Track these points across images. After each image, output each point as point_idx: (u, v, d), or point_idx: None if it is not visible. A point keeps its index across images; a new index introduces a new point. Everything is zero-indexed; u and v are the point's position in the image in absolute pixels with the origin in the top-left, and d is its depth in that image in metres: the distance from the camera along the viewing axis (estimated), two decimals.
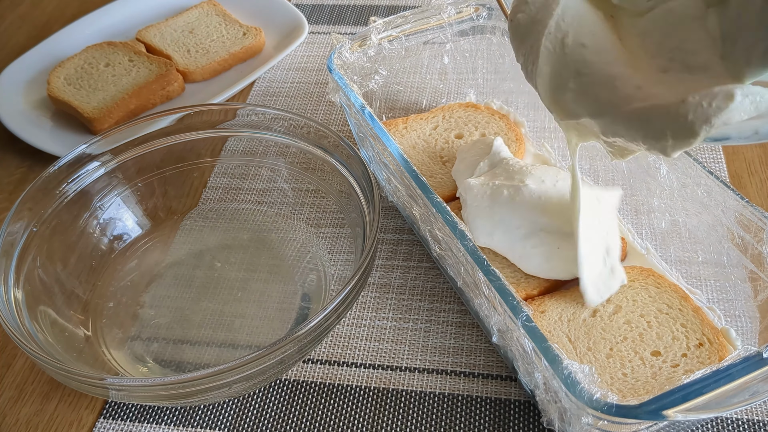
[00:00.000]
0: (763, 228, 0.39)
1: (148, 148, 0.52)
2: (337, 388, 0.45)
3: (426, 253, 0.52)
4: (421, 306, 0.48)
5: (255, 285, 0.50)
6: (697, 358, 0.40)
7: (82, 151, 0.50)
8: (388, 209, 0.55)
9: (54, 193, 0.48)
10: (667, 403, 0.30)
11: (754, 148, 0.58)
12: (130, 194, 0.53)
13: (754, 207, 0.39)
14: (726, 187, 0.40)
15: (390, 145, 0.45)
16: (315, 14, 0.79)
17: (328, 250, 0.52)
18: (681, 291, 0.43)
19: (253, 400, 0.44)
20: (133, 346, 0.47)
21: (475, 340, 0.46)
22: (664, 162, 0.44)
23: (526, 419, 0.42)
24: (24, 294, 0.44)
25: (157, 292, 0.50)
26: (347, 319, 0.48)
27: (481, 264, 0.38)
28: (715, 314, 0.43)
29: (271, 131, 0.53)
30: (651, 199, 0.46)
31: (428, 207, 0.42)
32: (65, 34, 0.75)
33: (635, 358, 0.40)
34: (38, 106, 0.67)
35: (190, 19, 0.75)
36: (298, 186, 0.55)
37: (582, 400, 0.32)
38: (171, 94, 0.68)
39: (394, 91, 0.65)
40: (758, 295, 0.40)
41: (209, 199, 0.57)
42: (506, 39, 0.57)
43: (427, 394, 0.44)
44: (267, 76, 0.71)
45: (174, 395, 0.38)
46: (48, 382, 0.47)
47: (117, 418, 0.44)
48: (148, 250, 0.53)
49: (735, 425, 0.41)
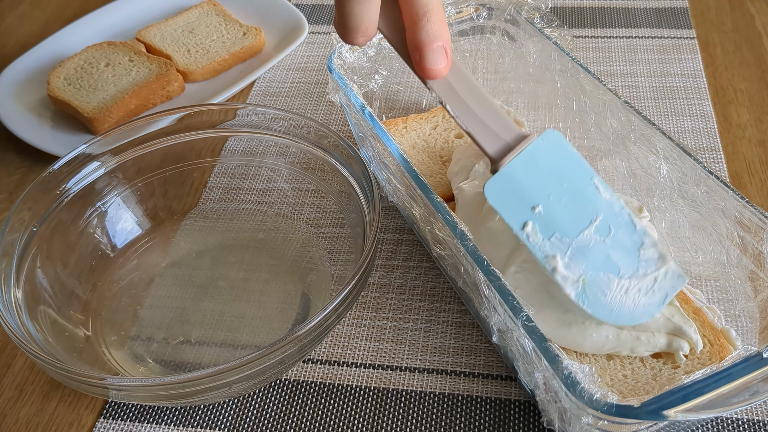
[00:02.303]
0: (763, 228, 0.39)
1: (148, 148, 0.52)
2: (337, 388, 0.45)
3: (426, 253, 0.52)
4: (421, 306, 0.48)
5: (255, 285, 0.50)
6: (698, 359, 0.40)
7: (82, 151, 0.50)
8: (388, 209, 0.55)
9: (54, 193, 0.48)
10: (668, 403, 0.30)
11: (754, 147, 0.58)
12: (130, 194, 0.53)
13: (754, 207, 0.39)
14: (726, 187, 0.40)
15: (390, 145, 0.45)
16: (315, 14, 0.79)
17: (328, 250, 0.52)
18: (681, 293, 0.43)
19: (253, 400, 0.44)
20: (133, 346, 0.47)
21: (475, 340, 0.46)
22: (664, 162, 0.44)
23: (526, 419, 0.42)
24: (24, 294, 0.44)
25: (157, 292, 0.50)
26: (347, 319, 0.48)
27: (481, 264, 0.38)
28: (715, 314, 0.43)
29: (271, 131, 0.53)
30: (651, 199, 0.46)
31: (428, 207, 0.42)
32: (65, 34, 0.75)
33: (636, 360, 0.40)
34: (38, 106, 0.67)
35: (190, 19, 0.75)
36: (298, 186, 0.55)
37: (582, 400, 0.32)
38: (171, 94, 0.68)
39: (394, 91, 0.65)
40: (758, 295, 0.40)
41: (209, 199, 0.57)
42: (506, 39, 0.57)
43: (427, 394, 0.44)
44: (267, 76, 0.71)
45: (174, 395, 0.38)
46: (48, 382, 0.47)
47: (117, 418, 0.44)
48: (148, 250, 0.53)
49: (735, 425, 0.41)
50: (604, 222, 0.39)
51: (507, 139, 0.39)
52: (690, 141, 0.59)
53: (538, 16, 0.54)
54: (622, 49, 0.69)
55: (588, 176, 0.40)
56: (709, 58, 0.67)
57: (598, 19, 0.73)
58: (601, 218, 0.39)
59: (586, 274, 0.39)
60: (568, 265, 0.39)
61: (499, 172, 0.39)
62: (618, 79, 0.65)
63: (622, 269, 0.39)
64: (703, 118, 0.61)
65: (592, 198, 0.39)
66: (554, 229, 0.39)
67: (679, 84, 0.64)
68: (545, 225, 0.39)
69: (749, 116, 0.61)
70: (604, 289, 0.38)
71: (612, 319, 0.39)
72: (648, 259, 0.39)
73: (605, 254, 0.39)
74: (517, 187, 0.39)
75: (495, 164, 0.39)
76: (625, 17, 0.73)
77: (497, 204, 0.39)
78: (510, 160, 0.39)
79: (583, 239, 0.39)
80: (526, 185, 0.39)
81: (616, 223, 0.39)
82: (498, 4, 0.56)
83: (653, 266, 0.39)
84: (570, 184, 0.39)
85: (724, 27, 0.71)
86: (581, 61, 0.52)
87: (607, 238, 0.39)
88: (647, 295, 0.39)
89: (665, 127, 0.59)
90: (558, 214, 0.39)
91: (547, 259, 0.39)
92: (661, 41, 0.70)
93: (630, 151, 0.47)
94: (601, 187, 0.39)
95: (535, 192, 0.39)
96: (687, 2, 0.74)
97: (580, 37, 0.71)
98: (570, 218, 0.39)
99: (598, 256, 0.39)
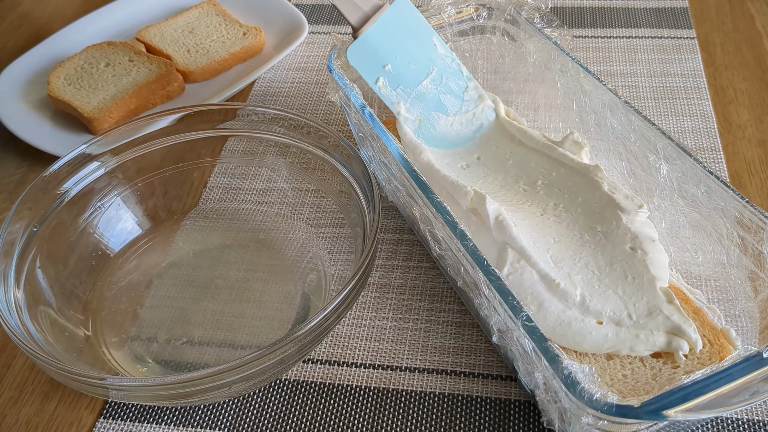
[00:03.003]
0: (763, 228, 0.39)
1: (148, 148, 0.52)
2: (337, 388, 0.45)
3: (426, 253, 0.52)
4: (421, 306, 0.48)
5: (255, 285, 0.50)
6: (698, 359, 0.40)
7: (82, 151, 0.50)
8: (388, 209, 0.55)
9: (54, 193, 0.48)
10: (668, 403, 0.30)
11: (754, 147, 0.58)
12: (130, 194, 0.53)
13: (754, 207, 0.39)
14: (726, 187, 0.40)
15: (390, 145, 0.45)
16: (315, 14, 0.79)
17: (328, 250, 0.52)
18: (681, 293, 0.43)
19: (253, 400, 0.44)
20: (133, 346, 0.47)
21: (475, 340, 0.46)
22: (664, 162, 0.44)
23: (526, 419, 0.42)
24: (24, 294, 0.44)
25: (157, 292, 0.50)
26: (347, 319, 0.48)
27: (481, 264, 0.38)
28: (715, 314, 0.43)
29: (271, 131, 0.53)
30: (651, 199, 0.46)
31: (428, 207, 0.42)
32: (65, 34, 0.75)
33: (636, 360, 0.40)
34: (38, 106, 0.67)
35: (190, 19, 0.75)
36: (298, 186, 0.55)
37: (582, 400, 0.32)
38: (171, 94, 0.68)
39: None
40: (758, 295, 0.40)
41: (209, 199, 0.57)
42: (506, 39, 0.57)
43: (427, 394, 0.44)
44: (267, 76, 0.71)
45: (174, 395, 0.38)
46: (48, 382, 0.47)
47: (117, 418, 0.44)
48: (148, 250, 0.53)
49: (735, 425, 0.41)
50: (438, 74, 0.52)
51: (365, 9, 0.50)
52: (690, 141, 0.59)
53: (538, 16, 0.54)
54: (622, 49, 0.69)
55: (428, 36, 0.51)
56: (709, 58, 0.67)
57: (598, 19, 0.73)
58: (435, 71, 0.52)
59: (422, 114, 0.51)
60: (408, 109, 0.51)
61: (358, 38, 0.50)
62: (618, 79, 0.65)
63: (450, 109, 0.52)
64: (703, 118, 0.61)
65: (429, 54, 0.51)
66: (399, 82, 0.51)
67: (679, 84, 0.64)
68: (392, 79, 0.51)
69: (749, 116, 0.61)
70: (435, 124, 0.51)
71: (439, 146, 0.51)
72: (470, 99, 0.52)
73: (437, 98, 0.52)
74: (372, 50, 0.50)
75: (355, 31, 0.50)
76: (625, 17, 0.73)
77: (357, 64, 0.50)
78: (367, 28, 0.49)
79: (421, 89, 0.51)
80: (379, 48, 0.50)
81: (447, 74, 0.52)
82: (498, 4, 0.56)
83: (473, 105, 0.53)
84: (413, 43, 0.51)
85: (724, 27, 0.71)
86: (581, 61, 0.52)
87: (440, 85, 0.52)
88: (467, 125, 0.52)
89: (665, 127, 0.59)
90: (402, 70, 0.51)
91: (393, 105, 0.51)
92: (661, 41, 0.70)
93: (630, 151, 0.47)
94: (438, 44, 0.52)
95: (386, 53, 0.50)
96: (687, 2, 0.74)
97: (580, 37, 0.71)
98: (411, 73, 0.51)
99: (431, 100, 0.51)
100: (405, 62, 0.51)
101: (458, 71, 0.52)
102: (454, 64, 0.52)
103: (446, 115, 0.51)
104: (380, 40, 0.50)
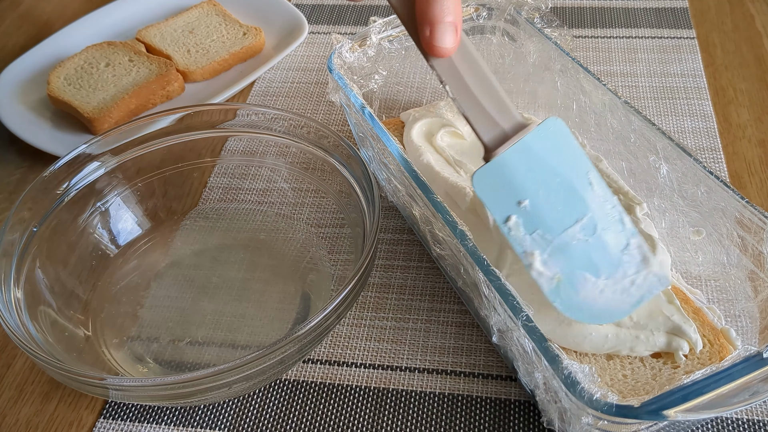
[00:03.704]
0: (763, 228, 0.39)
1: (148, 148, 0.52)
2: (337, 388, 0.45)
3: (426, 253, 0.52)
4: (421, 306, 0.48)
5: (255, 285, 0.50)
6: (698, 359, 0.40)
7: (82, 151, 0.50)
8: (388, 209, 0.55)
9: (54, 193, 0.48)
10: (668, 403, 0.30)
11: (754, 147, 0.58)
12: (130, 194, 0.53)
13: (754, 207, 0.39)
14: (726, 187, 0.40)
15: (390, 145, 0.45)
16: (315, 14, 0.79)
17: (328, 250, 0.52)
18: (681, 293, 0.43)
19: (253, 400, 0.44)
20: (133, 346, 0.47)
21: (475, 340, 0.46)
22: (664, 162, 0.44)
23: (526, 419, 0.42)
24: (24, 294, 0.44)
25: (157, 292, 0.50)
26: (347, 319, 0.48)
27: (481, 264, 0.38)
28: (714, 314, 0.43)
29: (271, 131, 0.53)
30: (651, 199, 0.46)
31: (428, 207, 0.42)
32: (65, 34, 0.75)
33: (636, 360, 0.40)
34: (38, 106, 0.67)
35: (190, 19, 0.75)
36: (298, 186, 0.55)
37: (582, 400, 0.32)
38: (171, 94, 0.68)
39: (394, 91, 0.65)
40: (758, 295, 0.40)
41: (209, 199, 0.57)
42: (506, 39, 0.57)
43: (427, 394, 0.44)
44: (267, 76, 0.71)
45: (174, 395, 0.38)
46: (48, 382, 0.47)
47: (117, 418, 0.44)
48: (148, 250, 0.53)
49: (735, 425, 0.41)
50: (590, 221, 0.39)
51: (505, 127, 0.38)
52: (690, 141, 0.59)
53: (538, 16, 0.54)
54: (622, 49, 0.69)
55: (584, 170, 0.39)
56: (709, 58, 0.67)
57: (598, 19, 0.73)
58: (588, 217, 0.39)
59: (563, 272, 0.38)
60: (545, 261, 0.38)
61: (490, 162, 0.38)
62: (618, 79, 0.65)
63: (601, 270, 0.38)
64: (703, 118, 0.61)
65: (582, 195, 0.39)
66: (537, 225, 0.38)
67: (679, 84, 0.64)
68: (529, 220, 0.38)
69: (749, 116, 0.61)
70: (579, 288, 0.38)
71: (580, 317, 0.39)
72: (630, 261, 0.39)
73: (586, 254, 0.38)
74: (506, 180, 0.38)
75: (489, 153, 0.38)
76: (625, 17, 0.73)
77: (483, 195, 0.39)
78: (504, 150, 0.38)
79: (565, 237, 0.38)
80: (516, 178, 0.38)
81: (603, 223, 0.39)
82: (498, 4, 0.56)
83: (634, 269, 0.39)
84: (563, 179, 0.38)
85: (724, 27, 0.71)
86: (581, 61, 0.52)
87: (591, 237, 0.38)
88: (622, 295, 0.38)
89: (665, 127, 0.59)
90: (544, 211, 0.38)
91: (525, 255, 0.39)
92: (661, 41, 0.70)
93: (630, 151, 0.47)
94: (595, 183, 0.39)
95: (524, 185, 0.38)
96: (687, 2, 0.74)
97: (580, 37, 0.71)
98: (556, 215, 0.38)
99: (578, 255, 0.38)
100: (549, 200, 0.38)
101: (618, 221, 0.39)
102: (615, 211, 0.39)
103: (596, 277, 0.38)
104: (520, 168, 0.38)
